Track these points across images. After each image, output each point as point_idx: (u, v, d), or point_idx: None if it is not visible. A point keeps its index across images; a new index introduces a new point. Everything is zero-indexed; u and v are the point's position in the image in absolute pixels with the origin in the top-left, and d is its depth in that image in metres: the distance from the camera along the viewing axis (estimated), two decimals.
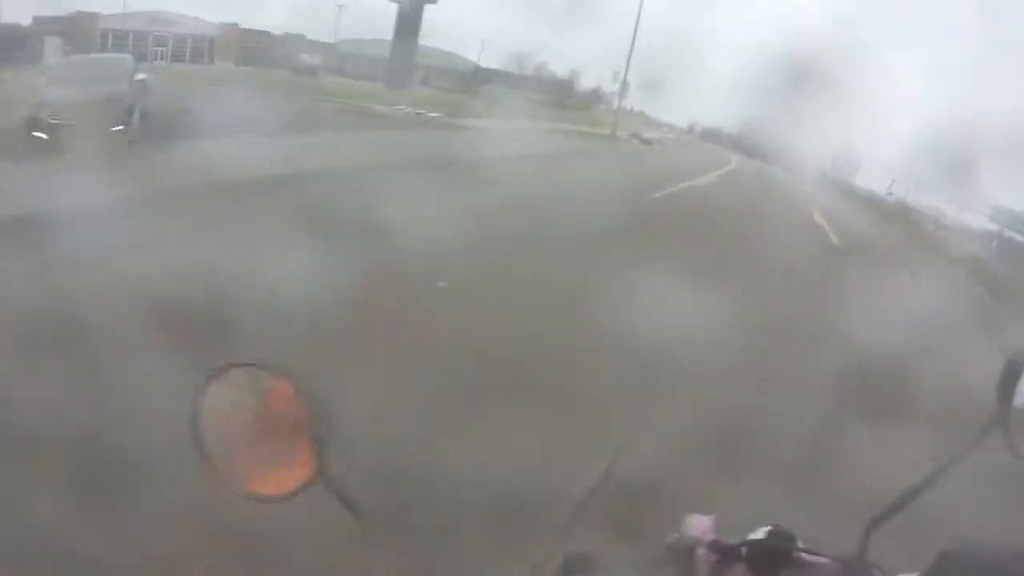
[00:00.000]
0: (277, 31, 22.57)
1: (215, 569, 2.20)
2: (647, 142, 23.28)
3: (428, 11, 21.00)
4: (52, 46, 18.35)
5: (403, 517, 2.35)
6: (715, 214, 10.87)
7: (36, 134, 8.67)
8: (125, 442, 2.59)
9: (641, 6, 19.19)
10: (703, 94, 27.23)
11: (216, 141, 8.33)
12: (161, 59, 20.84)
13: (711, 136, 25.77)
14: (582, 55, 23.21)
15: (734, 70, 24.23)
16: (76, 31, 18.65)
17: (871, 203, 18.43)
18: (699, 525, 0.87)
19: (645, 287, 4.99)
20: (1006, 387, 0.75)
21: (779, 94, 14.78)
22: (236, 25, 21.85)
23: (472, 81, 21.90)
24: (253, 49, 22.93)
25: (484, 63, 23.10)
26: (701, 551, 0.84)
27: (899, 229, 14.86)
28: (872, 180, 19.73)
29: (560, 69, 22.90)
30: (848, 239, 11.75)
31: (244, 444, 0.78)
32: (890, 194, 18.77)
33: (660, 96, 24.46)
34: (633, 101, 23.19)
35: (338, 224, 5.71)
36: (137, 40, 20.15)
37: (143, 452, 2.46)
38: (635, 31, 19.70)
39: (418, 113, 17.88)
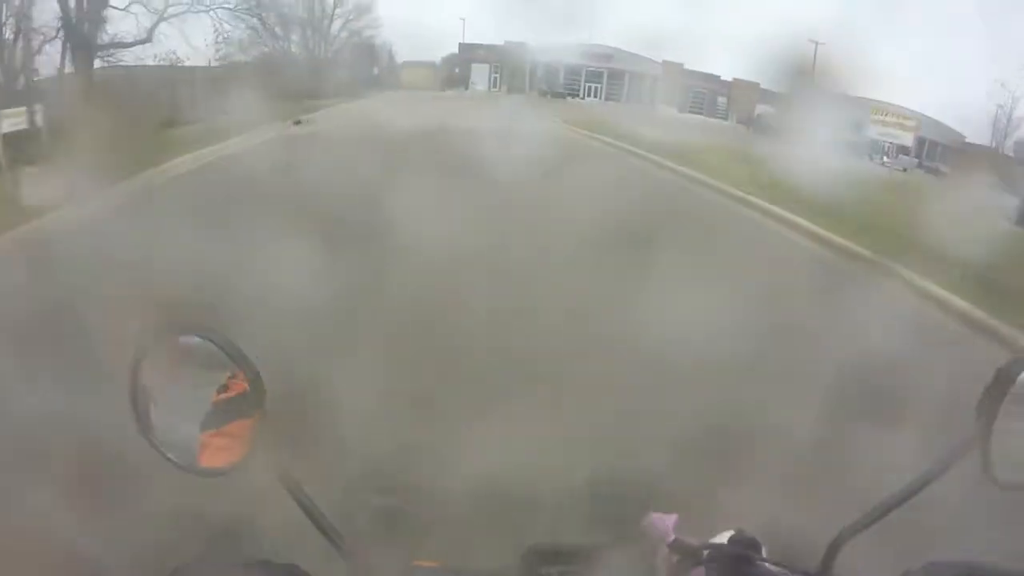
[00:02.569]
0: (726, 76, 17.93)
1: None
2: None
3: None
4: (479, 72, 18.15)
5: None
6: None
7: None
8: None
9: None
10: None
11: None
12: (594, 96, 18.88)
13: None
14: None
15: None
16: (505, 60, 17.99)
17: None
18: (660, 524, 0.85)
19: None
20: (990, 404, 0.70)
21: None
22: (680, 65, 18.06)
23: None
24: (700, 93, 18.91)
25: None
26: (663, 551, 0.83)
27: None
28: None
29: None
30: None
31: (186, 415, 0.76)
32: None
33: None
34: None
35: None
36: (569, 74, 18.52)
37: None
38: None
39: None
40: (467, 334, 4.15)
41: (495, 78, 17.87)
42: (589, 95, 18.56)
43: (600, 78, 18.48)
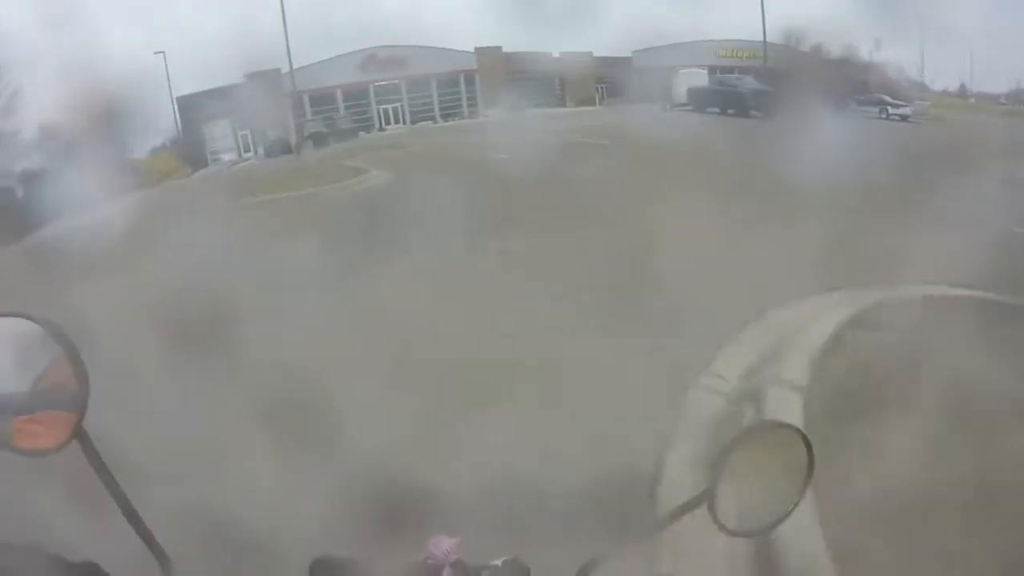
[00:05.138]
0: (556, 52, 13.08)
1: None
2: None
3: None
4: (220, 134, 11.70)
5: None
6: None
7: None
8: None
9: None
10: None
11: None
12: (395, 121, 13.11)
13: None
14: None
15: None
16: (253, 105, 11.69)
17: None
18: (443, 546, 0.90)
19: None
20: (719, 462, 0.84)
21: None
22: (499, 49, 12.86)
23: None
24: (534, 80, 13.85)
25: None
26: (446, 571, 0.88)
27: None
28: None
29: None
30: None
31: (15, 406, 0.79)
32: None
33: None
34: None
35: None
36: (350, 99, 12.63)
37: None
38: None
39: None
40: None
41: (243, 136, 11.58)
42: (388, 122, 12.90)
43: (397, 93, 12.84)
